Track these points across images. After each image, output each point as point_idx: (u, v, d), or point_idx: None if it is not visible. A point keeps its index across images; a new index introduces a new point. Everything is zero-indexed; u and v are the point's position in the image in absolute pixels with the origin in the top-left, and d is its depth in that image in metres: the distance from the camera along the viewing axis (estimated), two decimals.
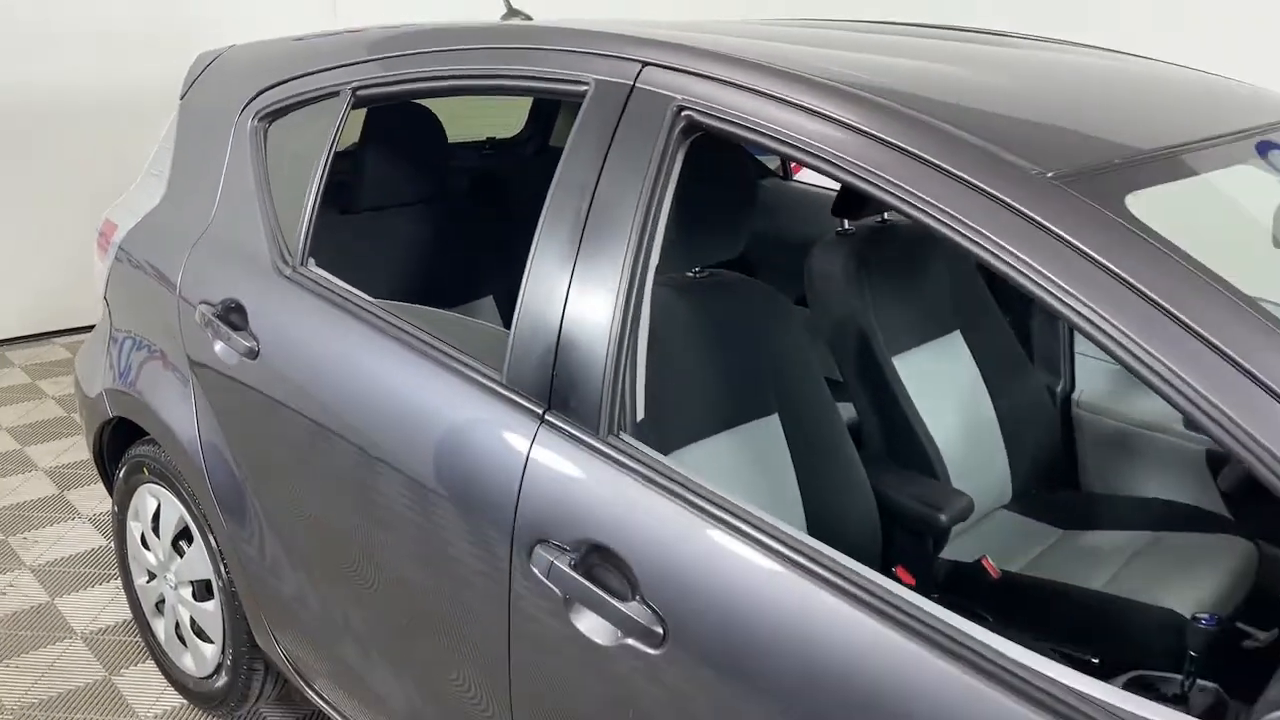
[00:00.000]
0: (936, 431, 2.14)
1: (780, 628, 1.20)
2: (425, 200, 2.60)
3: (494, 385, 1.51)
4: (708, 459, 1.73)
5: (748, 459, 1.81)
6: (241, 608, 2.13)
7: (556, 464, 1.41)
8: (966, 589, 1.96)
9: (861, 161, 1.25)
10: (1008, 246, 1.13)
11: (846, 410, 2.10)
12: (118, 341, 2.34)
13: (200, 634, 2.30)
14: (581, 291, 1.43)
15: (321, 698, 2.02)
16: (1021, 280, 1.13)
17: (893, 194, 1.22)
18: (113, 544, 2.71)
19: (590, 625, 1.34)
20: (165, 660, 2.45)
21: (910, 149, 1.23)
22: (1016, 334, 2.36)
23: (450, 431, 1.55)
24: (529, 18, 2.42)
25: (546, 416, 1.44)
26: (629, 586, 1.31)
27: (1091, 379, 2.42)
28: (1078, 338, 2.42)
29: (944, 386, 2.23)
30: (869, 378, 2.14)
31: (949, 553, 2.04)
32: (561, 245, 1.47)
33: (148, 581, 2.44)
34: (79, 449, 3.69)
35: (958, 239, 1.17)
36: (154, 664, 2.52)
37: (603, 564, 1.34)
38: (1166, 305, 1.04)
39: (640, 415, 1.42)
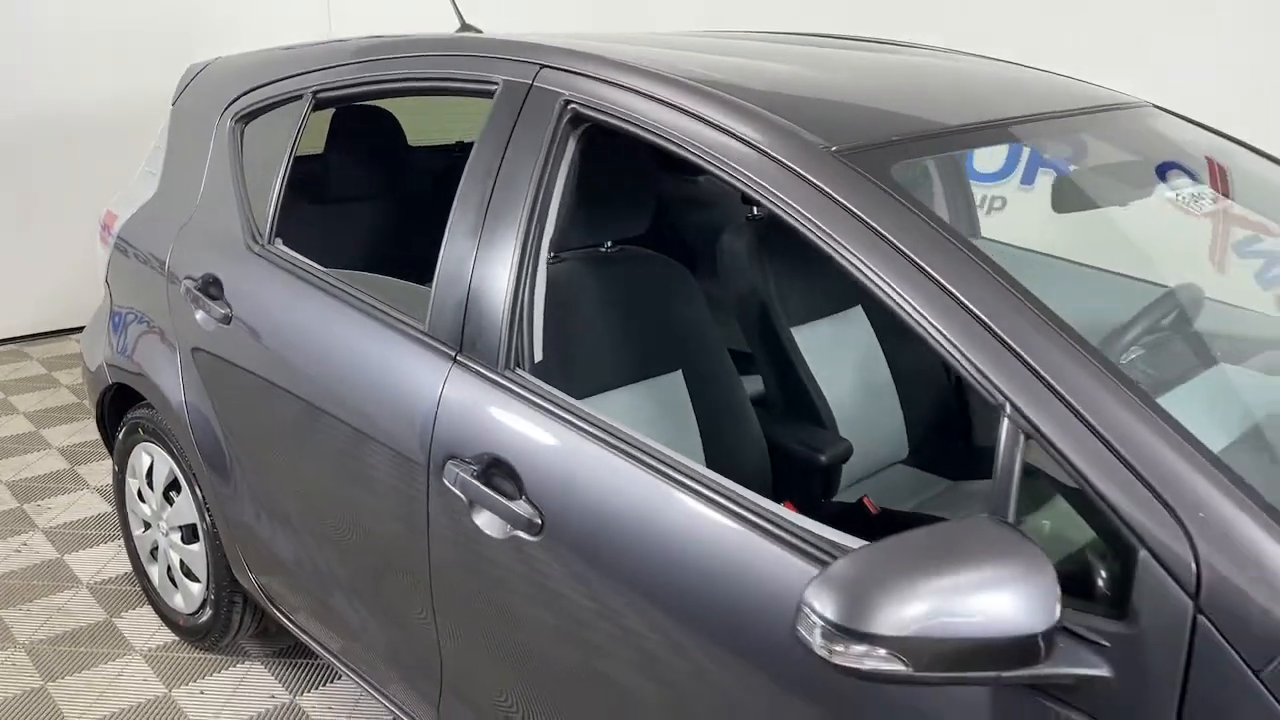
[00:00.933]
0: (834, 394, 2.42)
1: (640, 519, 1.48)
2: (387, 193, 2.91)
3: (418, 334, 1.82)
4: (616, 407, 2.02)
5: (653, 408, 2.10)
6: (222, 548, 2.43)
7: (464, 394, 1.71)
8: (848, 524, 2.24)
9: (696, 141, 1.54)
10: (798, 208, 1.43)
11: (754, 383, 2.38)
12: (117, 318, 2.66)
13: (188, 574, 2.61)
14: (486, 255, 1.74)
15: (290, 621, 2.32)
16: (811, 236, 1.42)
17: (723, 170, 1.52)
18: (115, 508, 3.01)
19: (486, 521, 1.64)
20: (159, 601, 2.76)
21: (734, 131, 1.52)
22: None
23: (383, 374, 1.86)
24: (480, 30, 2.73)
25: (458, 357, 1.74)
26: (517, 489, 1.61)
27: None
28: None
29: (843, 354, 2.51)
30: (770, 346, 2.42)
31: (844, 499, 2.32)
32: (471, 216, 1.77)
33: (143, 531, 2.75)
34: (88, 431, 4.01)
35: (768, 203, 1.47)
36: (149, 607, 2.83)
37: (499, 473, 1.64)
38: (900, 245, 1.33)
39: (539, 357, 1.72)
